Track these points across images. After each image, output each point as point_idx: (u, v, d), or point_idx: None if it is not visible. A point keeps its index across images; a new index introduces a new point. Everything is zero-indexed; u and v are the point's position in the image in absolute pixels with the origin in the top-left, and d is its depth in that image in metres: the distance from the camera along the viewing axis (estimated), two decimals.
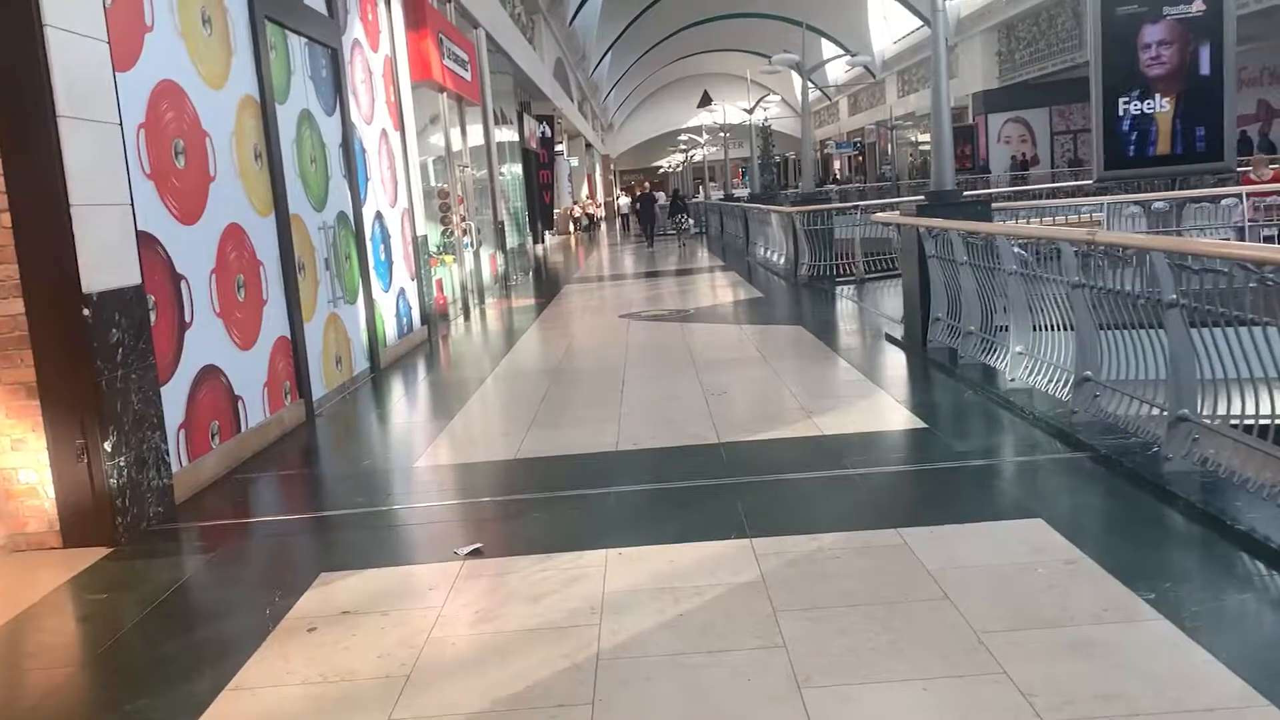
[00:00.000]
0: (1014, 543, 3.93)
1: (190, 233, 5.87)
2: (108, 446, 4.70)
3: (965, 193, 9.48)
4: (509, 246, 20.06)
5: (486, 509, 4.93)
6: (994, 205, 8.64)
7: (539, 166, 30.42)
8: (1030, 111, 36.43)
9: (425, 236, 11.68)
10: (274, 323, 6.99)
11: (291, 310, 7.27)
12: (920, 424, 5.87)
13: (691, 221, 34.40)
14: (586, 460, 5.64)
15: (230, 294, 6.33)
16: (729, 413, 6.51)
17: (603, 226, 43.63)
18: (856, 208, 14.35)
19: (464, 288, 14.24)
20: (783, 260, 16.28)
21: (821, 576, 3.71)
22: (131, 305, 4.99)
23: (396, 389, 8.68)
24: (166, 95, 5.70)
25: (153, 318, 5.30)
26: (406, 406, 8.02)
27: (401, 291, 10.61)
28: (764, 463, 5.32)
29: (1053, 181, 29.23)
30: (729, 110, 38.03)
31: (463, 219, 14.89)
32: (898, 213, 9.38)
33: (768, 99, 32.34)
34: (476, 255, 15.51)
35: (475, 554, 4.24)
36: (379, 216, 9.96)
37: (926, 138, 44.68)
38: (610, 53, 46.43)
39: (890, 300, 12.49)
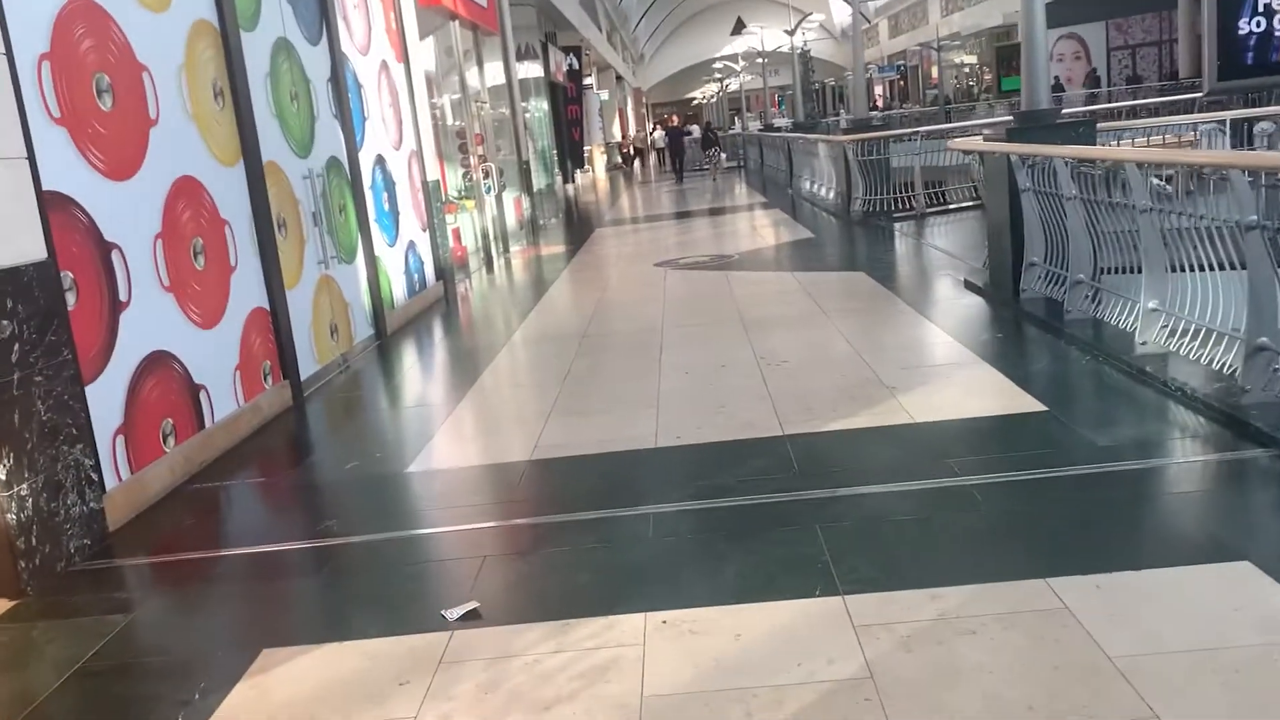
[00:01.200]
0: (1224, 606, 2.76)
1: (123, 190, 4.75)
2: (0, 474, 3.64)
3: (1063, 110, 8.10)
4: (536, 188, 18.85)
5: (488, 541, 3.82)
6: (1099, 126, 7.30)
7: (567, 101, 28.98)
8: (1085, 26, 34.22)
9: (438, 181, 10.51)
10: (246, 293, 5.90)
11: (269, 276, 6.17)
12: (1038, 405, 4.66)
13: (724, 155, 32.89)
14: (617, 463, 4.52)
15: (184, 262, 5.22)
16: (791, 390, 5.34)
17: (635, 164, 42.08)
18: (916, 134, 12.93)
19: (485, 236, 13.09)
20: (832, 195, 14.92)
21: (954, 673, 2.58)
22: (32, 287, 3.89)
23: (403, 360, 7.60)
24: (81, 17, 4.54)
25: (71, 300, 4.22)
26: (411, 383, 6.92)
27: (411, 245, 9.48)
28: (845, 465, 4.16)
29: (1109, 101, 27.22)
30: (766, 36, 36.10)
31: (482, 160, 13.68)
32: (979, 138, 8.04)
33: (809, 19, 30.46)
34: (499, 199, 14.32)
35: (470, 615, 3.15)
36: (380, 161, 8.80)
37: (973, 59, 42.52)
38: None
39: (960, 237, 11.18)
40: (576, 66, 30.23)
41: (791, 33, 26.17)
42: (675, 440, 4.70)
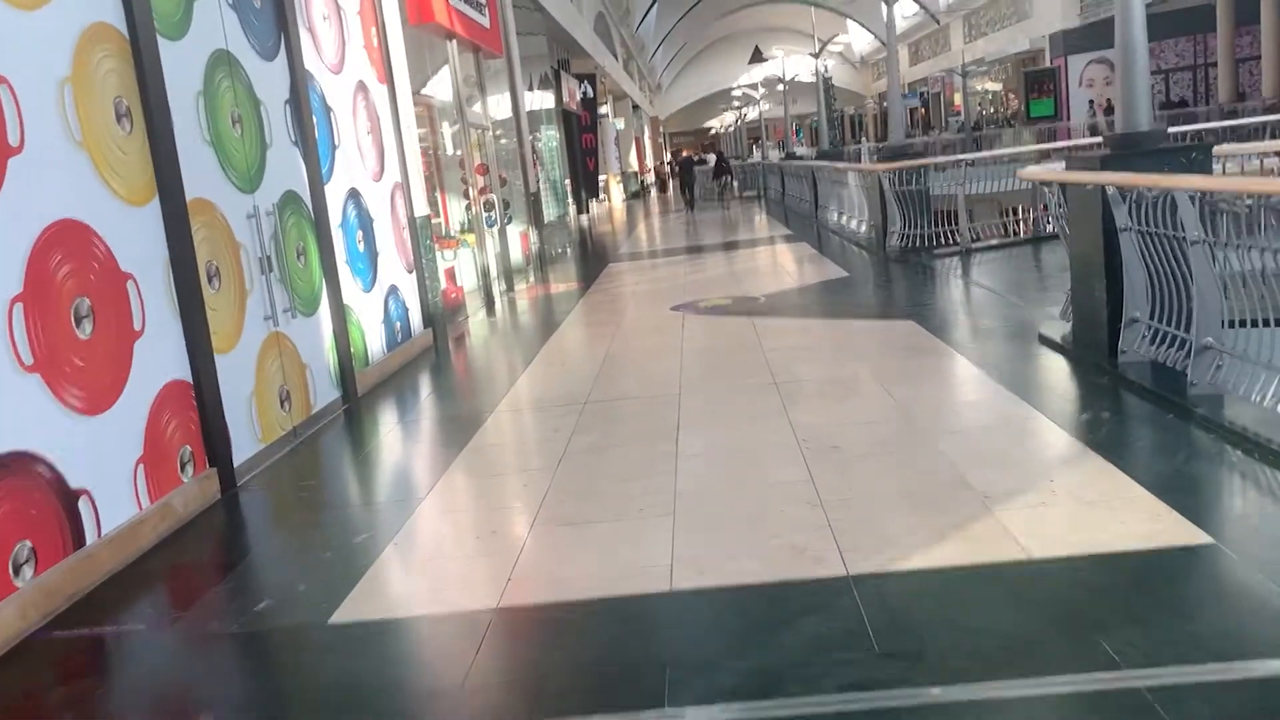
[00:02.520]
0: None
1: None
2: None
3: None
4: (546, 220, 17.72)
5: None
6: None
7: (581, 130, 27.92)
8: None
9: (427, 217, 9.34)
10: (157, 363, 4.70)
11: (193, 339, 4.97)
12: (1198, 534, 3.37)
13: (736, 183, 32.01)
14: (618, 618, 3.26)
15: (60, 331, 4.03)
16: (849, 494, 4.08)
17: (653, 192, 41.06)
18: (960, 161, 11.70)
19: (486, 274, 11.91)
20: (863, 228, 13.69)
21: None
22: None
23: (368, 434, 6.37)
24: None
25: None
26: (370, 468, 5.68)
27: (392, 290, 8.29)
28: (944, 640, 2.89)
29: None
30: (787, 63, 35.08)
31: (483, 191, 12.53)
32: (1060, 165, 6.80)
33: (834, 41, 29.40)
34: (502, 233, 13.16)
35: None
36: (354, 195, 7.62)
37: (997, 86, 41.41)
38: (655, 7, 43.56)
39: (1015, 276, 9.93)
40: (591, 94, 29.22)
41: (817, 55, 25.03)
42: (698, 578, 3.44)
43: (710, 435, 5.20)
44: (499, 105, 15.36)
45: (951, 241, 11.79)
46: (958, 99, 45.32)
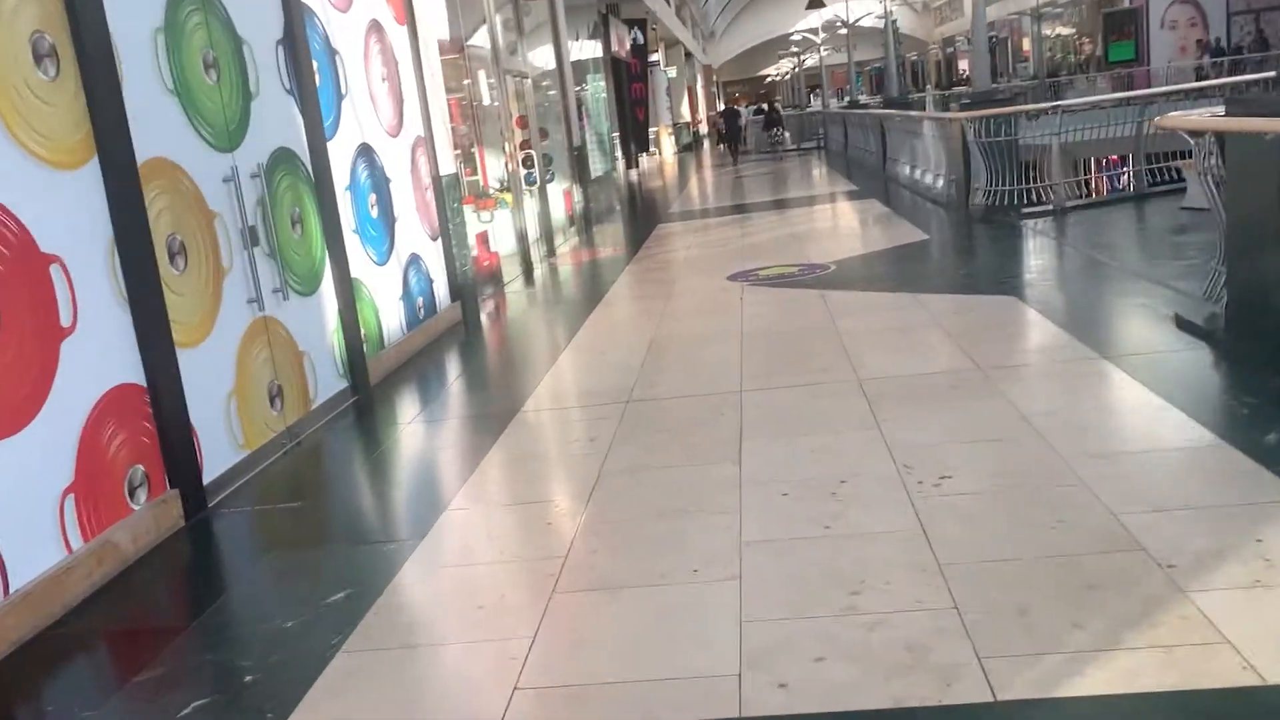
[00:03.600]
0: None
1: None
2: None
3: None
4: (593, 176, 16.64)
5: None
6: None
7: (630, 79, 26.64)
8: None
9: (455, 176, 8.35)
10: (95, 365, 3.79)
11: (148, 333, 4.05)
12: None
13: (787, 135, 30.66)
14: None
15: None
16: (979, 555, 3.05)
17: (705, 144, 39.66)
18: (1056, 108, 10.38)
19: (524, 237, 10.91)
20: (940, 183, 12.43)
21: None
22: None
23: (376, 435, 5.45)
24: None
25: None
26: (367, 486, 4.73)
27: (414, 260, 7.33)
28: None
29: (1233, 73, 23.90)
30: (851, 5, 33.32)
31: (523, 145, 11.51)
32: (1207, 112, 5.59)
33: None
34: (543, 191, 12.14)
35: None
36: (366, 152, 6.65)
37: (1068, 30, 39.19)
38: None
39: (1121, 241, 8.70)
40: (641, 41, 27.88)
41: None
42: (779, 703, 2.44)
43: (781, 453, 4.18)
44: (540, 53, 14.28)
45: (1042, 199, 10.53)
46: (1026, 44, 43.11)
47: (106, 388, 3.84)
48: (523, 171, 11.39)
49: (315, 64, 5.94)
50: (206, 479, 4.40)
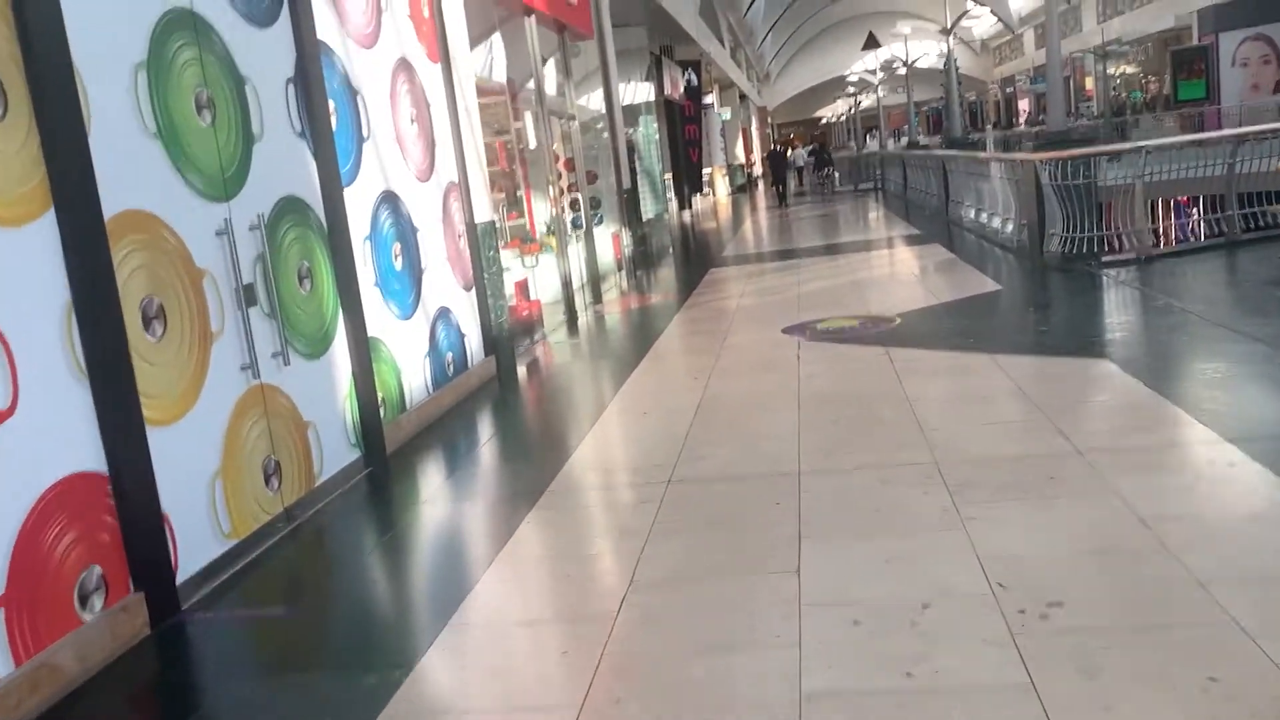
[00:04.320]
0: None
1: None
2: None
3: None
4: (645, 217, 16.11)
5: None
6: None
7: (684, 120, 26.30)
8: (1276, 26, 29.98)
9: (492, 223, 7.81)
10: (42, 451, 3.25)
11: (112, 410, 3.51)
12: None
13: (837, 175, 30.28)
14: None
15: None
16: (1103, 717, 2.35)
17: (760, 185, 39.09)
18: (1140, 149, 9.60)
19: (567, 283, 10.35)
20: (1009, 227, 11.67)
21: None
22: None
23: (383, 517, 4.86)
24: None
25: None
26: (361, 587, 4.10)
27: (443, 314, 6.78)
28: None
29: None
30: (910, 46, 32.71)
31: (567, 189, 11.00)
32: None
33: (966, 17, 27.01)
34: (589, 235, 11.60)
35: None
36: (389, 199, 6.13)
37: (1133, 68, 38.18)
38: None
39: (1224, 296, 7.89)
40: (695, 83, 27.53)
41: (948, 31, 22.68)
42: None
43: (849, 560, 3.49)
44: (590, 94, 13.84)
45: (1124, 245, 9.74)
46: (1089, 83, 42.16)
47: (54, 479, 3.28)
48: (569, 215, 10.87)
49: (332, 104, 5.44)
50: (181, 577, 3.83)
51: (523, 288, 9.53)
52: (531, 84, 10.32)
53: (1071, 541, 3.43)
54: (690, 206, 26.96)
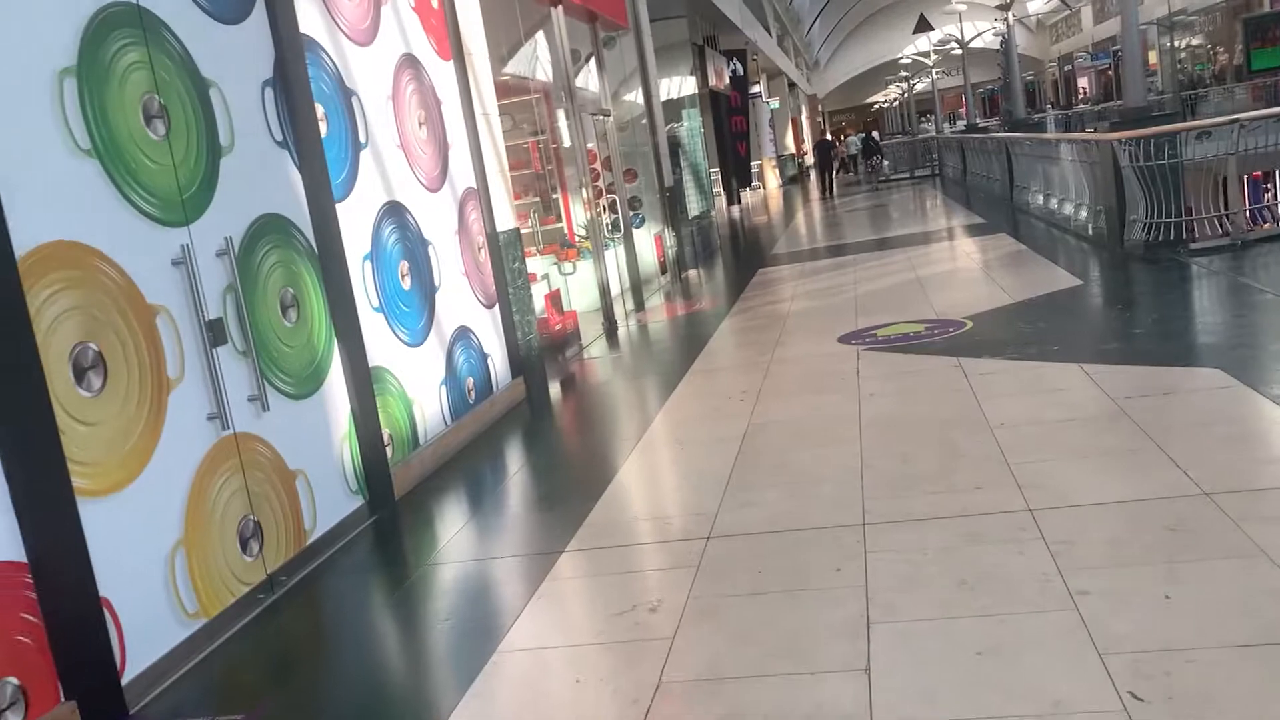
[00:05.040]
0: None
1: None
2: None
3: None
4: (691, 215, 15.40)
5: None
6: None
7: (730, 111, 25.49)
8: None
9: (515, 232, 7.18)
10: None
11: (29, 486, 2.92)
12: None
13: (886, 164, 29.31)
14: None
15: None
16: None
17: (811, 175, 38.04)
18: (1235, 121, 8.65)
19: (605, 292, 9.69)
20: (1084, 213, 10.75)
21: None
22: None
23: (385, 578, 4.24)
24: None
25: None
26: (348, 681, 3.50)
27: (461, 334, 6.17)
28: None
29: None
30: (965, 26, 31.54)
31: (604, 191, 10.34)
32: None
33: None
34: (628, 238, 10.94)
35: None
36: (394, 212, 5.52)
37: (1197, 39, 36.43)
38: None
39: None
40: (741, 73, 26.67)
41: (1007, 7, 21.55)
42: None
43: (931, 654, 2.77)
44: (627, 89, 13.16)
45: (1213, 230, 8.82)
46: (1152, 56, 40.46)
47: None
48: (606, 217, 10.22)
49: (321, 109, 4.84)
50: (130, 674, 3.24)
51: (555, 299, 8.90)
52: (564, 81, 9.67)
53: (1215, 625, 2.68)
54: (739, 201, 26.17)
